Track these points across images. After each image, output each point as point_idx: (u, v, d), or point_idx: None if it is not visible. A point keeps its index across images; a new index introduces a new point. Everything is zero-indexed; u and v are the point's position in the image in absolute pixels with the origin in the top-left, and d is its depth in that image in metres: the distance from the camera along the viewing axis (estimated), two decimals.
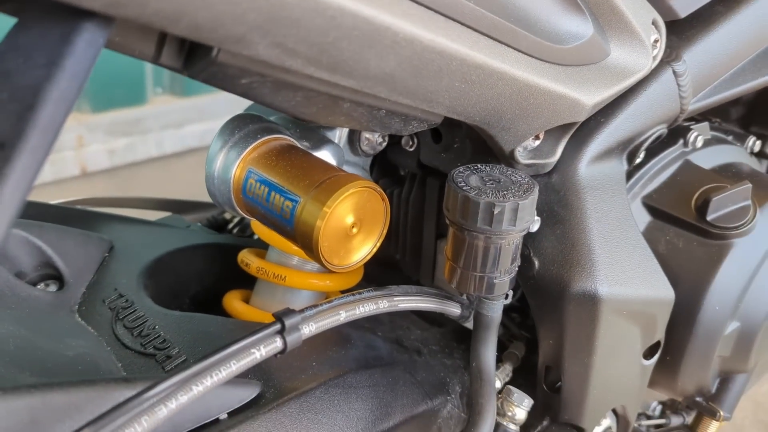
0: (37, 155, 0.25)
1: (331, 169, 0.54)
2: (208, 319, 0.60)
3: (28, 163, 0.25)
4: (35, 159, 0.25)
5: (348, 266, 0.55)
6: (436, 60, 0.40)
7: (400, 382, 0.60)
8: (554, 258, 0.57)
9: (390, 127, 0.50)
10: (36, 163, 0.25)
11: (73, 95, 0.28)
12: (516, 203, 0.49)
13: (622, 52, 0.55)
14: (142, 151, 2.43)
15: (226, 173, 0.56)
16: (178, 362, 0.54)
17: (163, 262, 0.70)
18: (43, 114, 0.26)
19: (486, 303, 0.56)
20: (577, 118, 0.54)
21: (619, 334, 0.59)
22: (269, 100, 0.42)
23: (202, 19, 0.30)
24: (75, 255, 0.65)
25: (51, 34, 0.29)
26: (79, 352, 0.53)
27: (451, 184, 0.51)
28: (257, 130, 0.57)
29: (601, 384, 0.61)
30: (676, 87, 0.63)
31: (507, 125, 0.51)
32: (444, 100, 0.45)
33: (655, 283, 0.61)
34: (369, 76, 0.39)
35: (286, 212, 0.53)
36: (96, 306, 0.61)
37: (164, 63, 0.37)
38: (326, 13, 0.33)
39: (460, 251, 0.53)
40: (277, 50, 0.34)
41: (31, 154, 0.25)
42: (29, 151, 0.25)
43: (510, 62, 0.45)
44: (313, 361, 0.56)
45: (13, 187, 0.24)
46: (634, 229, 0.62)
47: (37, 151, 0.25)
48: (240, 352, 0.40)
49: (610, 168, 0.62)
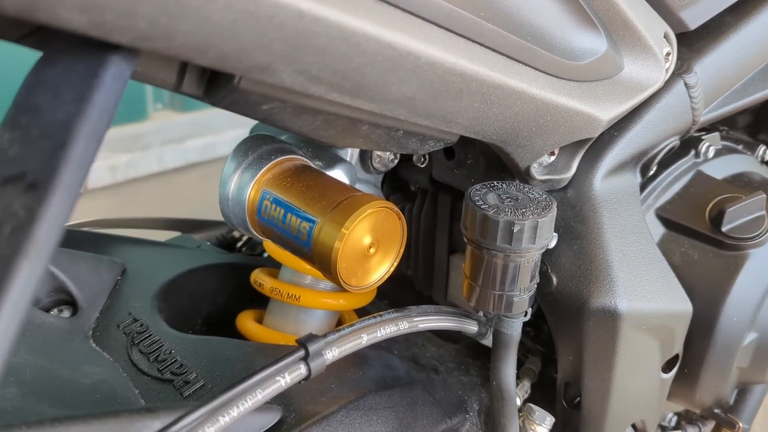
0: (71, 194, 0.25)
1: (347, 189, 0.54)
2: (224, 342, 0.59)
3: (61, 203, 0.24)
4: (69, 198, 0.25)
5: (366, 287, 0.55)
6: (457, 82, 0.40)
7: (419, 402, 0.59)
8: (572, 274, 0.57)
9: (407, 147, 0.50)
10: (70, 202, 0.25)
11: (103, 130, 0.27)
12: (535, 221, 0.49)
13: (635, 66, 0.55)
14: (143, 166, 2.43)
15: (240, 195, 0.56)
16: (197, 387, 0.53)
17: (176, 284, 0.69)
18: (75, 151, 0.26)
19: (505, 321, 0.55)
20: (592, 134, 0.54)
21: (638, 348, 0.59)
22: (289, 125, 0.42)
23: (228, 50, 0.30)
24: (88, 279, 0.64)
25: (78, 68, 0.29)
26: (96, 379, 0.53)
27: (469, 202, 0.51)
28: (271, 151, 0.57)
29: (621, 399, 0.61)
30: (688, 99, 0.63)
31: (523, 142, 0.51)
32: (462, 120, 0.45)
33: (674, 297, 0.61)
34: (390, 100, 0.39)
35: (303, 234, 0.52)
36: (110, 331, 0.61)
37: (185, 91, 0.37)
38: (351, 40, 0.33)
39: (479, 270, 0.53)
40: (300, 77, 0.34)
41: (65, 194, 0.25)
42: (63, 190, 0.25)
43: (528, 81, 0.45)
44: (332, 383, 0.56)
45: (47, 230, 0.24)
46: (651, 242, 0.61)
47: (71, 189, 0.25)
48: (265, 381, 0.40)
49: (624, 181, 0.62)
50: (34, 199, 0.24)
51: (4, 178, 0.25)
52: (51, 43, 0.30)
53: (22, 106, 0.28)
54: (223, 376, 0.55)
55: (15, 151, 0.26)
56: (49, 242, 0.24)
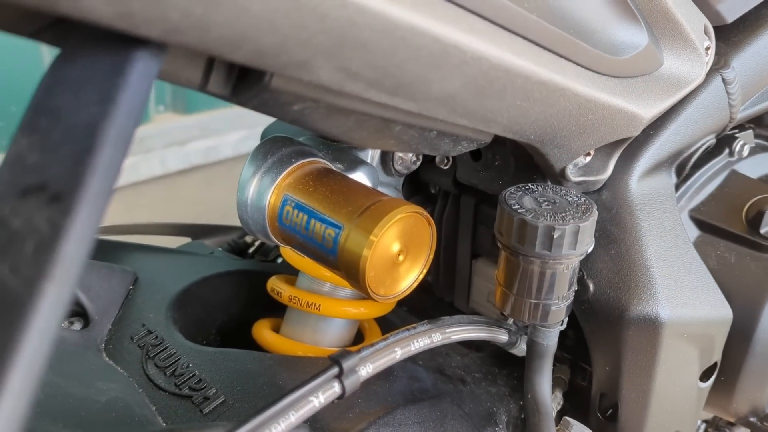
0: (98, 205, 0.22)
1: (373, 193, 0.51)
2: (244, 355, 0.56)
3: (88, 215, 0.22)
4: (96, 210, 0.22)
5: (394, 296, 0.52)
6: (502, 78, 0.37)
7: (449, 415, 0.56)
8: (610, 280, 0.54)
9: (439, 148, 0.47)
10: (98, 214, 0.22)
11: (131, 133, 0.25)
12: (577, 226, 0.46)
13: (676, 61, 0.52)
14: (145, 169, 2.40)
15: (260, 200, 0.53)
16: (217, 404, 0.51)
17: (190, 292, 0.66)
18: (101, 157, 0.23)
19: (541, 330, 0.52)
20: (633, 133, 0.51)
21: (678, 358, 0.56)
22: (320, 126, 0.39)
23: (266, 44, 0.27)
24: (99, 289, 0.62)
25: (101, 66, 0.26)
26: (111, 396, 0.50)
27: (505, 206, 0.48)
28: (291, 154, 0.54)
29: (659, 411, 0.58)
30: (726, 95, 0.60)
31: (561, 142, 0.49)
32: (503, 119, 0.42)
33: (714, 303, 0.58)
34: (430, 98, 0.36)
35: (328, 241, 0.50)
36: (124, 344, 0.58)
37: (211, 90, 0.34)
38: (395, 34, 0.30)
39: (514, 277, 0.50)
40: (339, 74, 0.31)
41: (91, 205, 0.22)
42: (89, 201, 0.22)
43: (572, 77, 0.42)
44: (359, 398, 0.53)
45: (74, 247, 0.21)
46: (689, 246, 0.59)
47: (98, 200, 0.22)
48: (298, 402, 0.37)
49: (660, 182, 0.59)
50: (59, 212, 0.21)
51: (23, 188, 0.22)
52: (71, 38, 0.27)
53: (40, 107, 0.25)
54: (244, 391, 0.52)
55: (35, 158, 0.23)
56: (77, 260, 0.21)
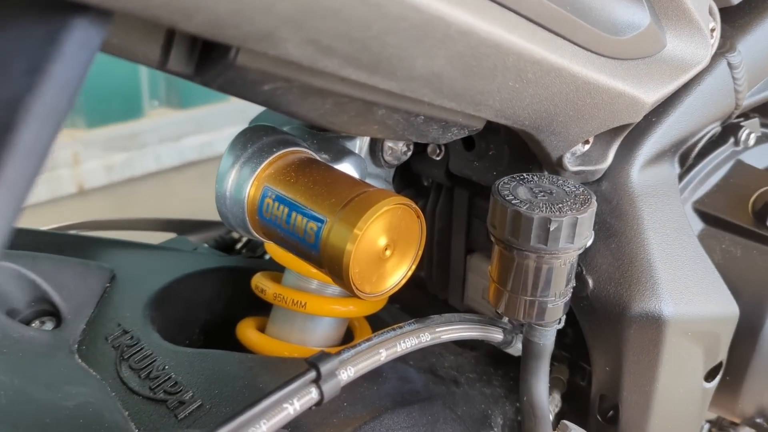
0: (17, 193, 0.19)
1: (358, 184, 0.48)
2: (223, 356, 0.53)
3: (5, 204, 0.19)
4: (14, 198, 0.19)
5: (380, 293, 0.49)
6: (492, 56, 0.34)
7: (441, 419, 0.53)
8: (610, 276, 0.51)
9: (427, 135, 0.44)
10: (16, 203, 0.19)
11: (63, 109, 0.22)
12: (574, 218, 0.43)
13: (679, 42, 0.49)
14: (140, 166, 2.37)
15: (239, 192, 0.50)
16: (193, 408, 0.48)
17: (170, 290, 0.63)
18: (24, 135, 0.20)
19: (537, 329, 0.49)
20: (634, 119, 0.48)
21: (682, 357, 0.53)
22: (294, 109, 0.36)
23: (222, 11, 0.24)
24: (73, 287, 0.59)
25: (33, 35, 0.23)
26: (80, 401, 0.47)
27: (498, 197, 0.45)
28: (272, 143, 0.51)
29: (662, 413, 0.55)
30: (731, 80, 0.57)
31: (558, 129, 0.45)
32: (494, 102, 0.39)
33: (720, 299, 0.55)
34: (414, 77, 0.33)
35: (309, 235, 0.47)
36: (98, 344, 0.55)
37: (172, 69, 0.31)
38: (369, 1, 0.27)
39: (508, 273, 0.47)
40: (309, 48, 0.28)
41: (9, 192, 0.19)
42: (7, 188, 0.19)
43: (568, 57, 0.39)
44: (344, 401, 0.50)
45: None
46: (693, 239, 0.56)
47: (17, 186, 0.19)
48: (271, 409, 0.34)
49: (662, 172, 0.56)
50: None
51: None
52: (0, 7, 0.24)
53: None
54: (222, 395, 0.49)
55: None
56: None
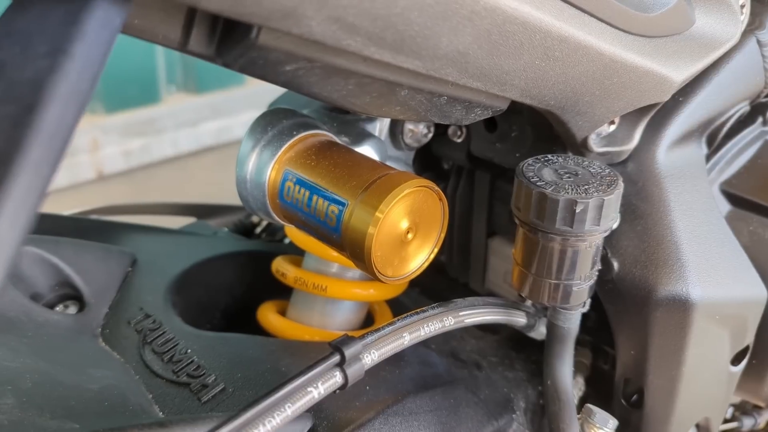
0: (42, 174, 0.19)
1: (379, 167, 0.47)
2: (245, 339, 0.53)
3: (29, 186, 0.18)
4: (39, 180, 0.19)
5: (402, 277, 0.48)
6: (518, 33, 0.33)
7: (463, 403, 0.53)
8: (636, 258, 0.50)
9: (450, 116, 0.43)
10: (41, 185, 0.19)
11: (86, 90, 0.21)
12: (601, 199, 0.42)
13: (709, 19, 0.48)
14: (157, 151, 2.38)
15: (259, 176, 0.50)
16: (216, 392, 0.48)
17: (191, 275, 0.64)
18: (47, 116, 0.19)
19: (562, 313, 0.49)
20: (662, 98, 0.47)
21: (709, 341, 0.52)
22: (316, 90, 0.35)
23: None
24: (95, 272, 0.59)
25: (55, 15, 0.23)
26: (104, 384, 0.47)
27: (522, 178, 0.44)
28: (292, 126, 0.51)
29: (688, 397, 0.54)
30: (761, 58, 0.56)
31: (584, 109, 0.44)
32: (519, 81, 0.38)
33: (748, 281, 0.54)
34: (438, 56, 0.33)
35: (331, 218, 0.46)
36: (121, 328, 0.55)
37: (193, 50, 0.31)
38: None
39: (533, 256, 0.46)
40: (333, 26, 0.28)
41: (32, 174, 0.18)
42: (30, 169, 0.18)
43: (596, 35, 0.38)
44: (367, 384, 0.50)
45: (8, 223, 0.18)
46: (721, 221, 0.54)
47: (41, 168, 0.19)
48: (295, 392, 0.34)
49: (690, 153, 0.55)
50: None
51: None
52: None
53: None
54: (245, 378, 0.49)
55: None
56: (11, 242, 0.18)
